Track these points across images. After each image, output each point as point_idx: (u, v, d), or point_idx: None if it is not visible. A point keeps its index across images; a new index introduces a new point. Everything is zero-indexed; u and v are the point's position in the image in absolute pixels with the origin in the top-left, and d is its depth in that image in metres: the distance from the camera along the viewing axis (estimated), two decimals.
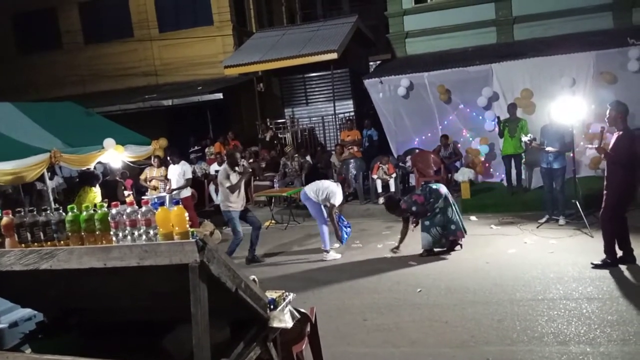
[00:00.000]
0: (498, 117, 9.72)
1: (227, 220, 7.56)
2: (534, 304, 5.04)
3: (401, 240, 7.15)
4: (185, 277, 2.23)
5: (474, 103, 10.95)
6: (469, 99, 11.13)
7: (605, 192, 5.83)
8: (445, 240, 6.93)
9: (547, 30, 12.59)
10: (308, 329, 3.53)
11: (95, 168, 8.71)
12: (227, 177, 7.18)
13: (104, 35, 15.86)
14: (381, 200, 9.95)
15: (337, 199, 7.31)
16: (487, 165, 11.17)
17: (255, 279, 3.02)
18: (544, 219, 7.96)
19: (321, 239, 7.38)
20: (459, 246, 7.06)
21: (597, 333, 4.31)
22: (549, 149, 7.66)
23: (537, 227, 7.78)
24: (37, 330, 3.22)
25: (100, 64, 15.56)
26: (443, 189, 7.03)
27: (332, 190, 7.28)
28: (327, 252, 7.33)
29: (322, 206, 7.34)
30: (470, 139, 11.28)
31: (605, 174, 5.88)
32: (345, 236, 7.67)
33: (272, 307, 2.94)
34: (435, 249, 6.97)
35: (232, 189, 7.15)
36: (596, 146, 6.16)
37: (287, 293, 3.20)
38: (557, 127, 7.73)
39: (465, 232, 7.07)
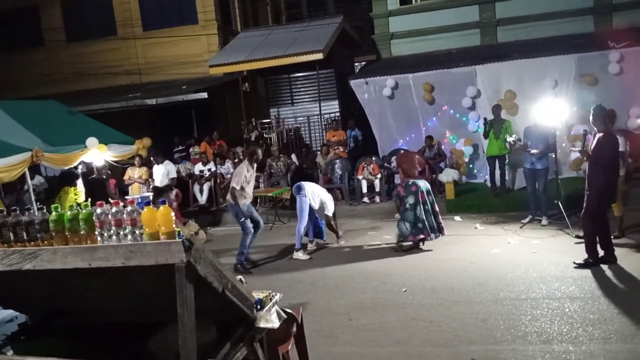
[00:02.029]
0: (485, 119, 9.82)
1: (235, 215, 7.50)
2: (518, 303, 5.10)
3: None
4: (171, 277, 2.21)
5: (458, 104, 11.05)
6: (453, 100, 11.23)
7: (586, 192, 5.92)
8: (413, 238, 7.19)
9: (530, 32, 12.74)
10: (294, 329, 3.53)
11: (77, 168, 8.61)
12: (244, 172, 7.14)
13: (87, 33, 15.64)
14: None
15: (331, 209, 7.87)
16: (471, 165, 11.27)
17: (242, 279, 3.02)
18: (527, 219, 8.05)
19: (296, 236, 7.60)
20: (421, 242, 7.27)
21: (579, 332, 4.38)
22: (533, 151, 7.75)
23: (521, 227, 7.87)
24: (20, 332, 3.17)
25: (83, 63, 15.35)
26: (418, 186, 7.23)
27: (327, 203, 7.78)
28: (297, 250, 7.54)
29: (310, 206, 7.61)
30: (454, 140, 11.37)
31: (587, 175, 5.98)
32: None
33: (258, 307, 2.94)
34: (404, 244, 7.24)
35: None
36: (579, 149, 6.26)
37: (273, 293, 3.20)
38: (541, 129, 7.82)
39: (437, 233, 7.23)
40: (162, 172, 9.25)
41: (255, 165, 7.29)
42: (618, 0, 12.28)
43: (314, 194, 7.67)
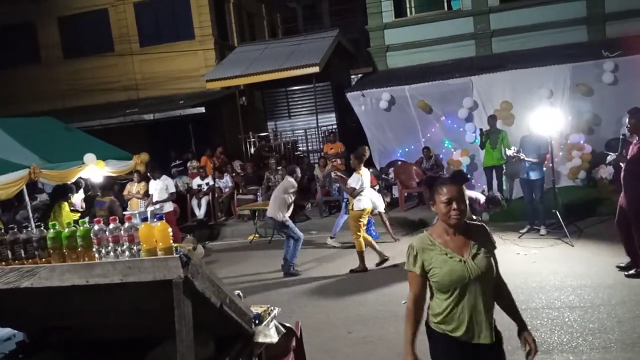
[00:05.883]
0: (481, 129, 9.85)
1: (280, 228, 7.65)
2: None
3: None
4: (169, 293, 2.21)
5: (455, 115, 11.09)
6: (449, 111, 11.26)
7: (621, 203, 5.69)
8: None
9: (524, 43, 12.83)
10: (293, 343, 3.52)
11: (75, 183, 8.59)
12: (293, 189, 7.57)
13: (84, 50, 15.73)
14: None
15: (380, 206, 8.56)
16: (468, 176, 11.28)
17: (240, 293, 3.01)
18: (525, 229, 8.05)
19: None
20: None
21: (579, 341, 4.37)
22: (529, 158, 7.76)
23: (519, 237, 7.87)
24: (18, 350, 3.15)
25: (80, 79, 15.41)
26: None
27: (376, 202, 8.23)
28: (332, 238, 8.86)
29: None
30: (452, 149, 11.39)
31: (623, 188, 5.69)
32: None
33: (257, 322, 2.93)
34: None
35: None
36: (617, 154, 5.98)
37: (272, 307, 3.19)
38: (535, 139, 7.84)
39: None
40: (160, 187, 9.24)
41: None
42: (611, 10, 12.39)
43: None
